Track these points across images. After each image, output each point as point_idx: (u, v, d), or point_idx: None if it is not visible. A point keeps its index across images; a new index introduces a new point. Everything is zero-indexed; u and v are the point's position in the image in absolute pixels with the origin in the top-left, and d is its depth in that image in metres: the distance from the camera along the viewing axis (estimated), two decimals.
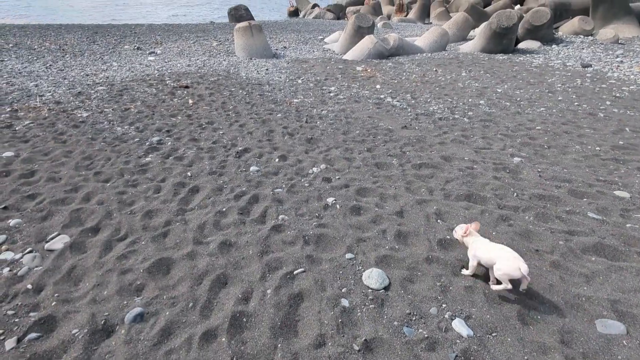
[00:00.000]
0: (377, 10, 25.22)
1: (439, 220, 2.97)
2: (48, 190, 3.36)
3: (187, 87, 7.12)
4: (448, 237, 2.74)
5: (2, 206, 3.08)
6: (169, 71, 8.94)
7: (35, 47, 11.43)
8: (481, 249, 2.23)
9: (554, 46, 11.85)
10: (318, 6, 28.77)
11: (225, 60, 10.49)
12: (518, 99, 6.55)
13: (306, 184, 3.56)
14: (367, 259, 2.52)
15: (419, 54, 11.66)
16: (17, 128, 4.64)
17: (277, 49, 12.45)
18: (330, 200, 3.25)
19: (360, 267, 2.45)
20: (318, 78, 8.19)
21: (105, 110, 5.53)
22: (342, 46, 12.17)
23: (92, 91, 6.73)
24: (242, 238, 2.75)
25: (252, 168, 3.89)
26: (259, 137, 4.78)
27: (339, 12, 26.35)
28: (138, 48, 11.74)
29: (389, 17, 24.57)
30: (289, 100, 6.44)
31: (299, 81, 7.89)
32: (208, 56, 11.14)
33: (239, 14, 17.28)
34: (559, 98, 6.57)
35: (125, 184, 3.53)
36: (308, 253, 2.58)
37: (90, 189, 3.40)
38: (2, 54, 10.43)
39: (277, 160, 4.13)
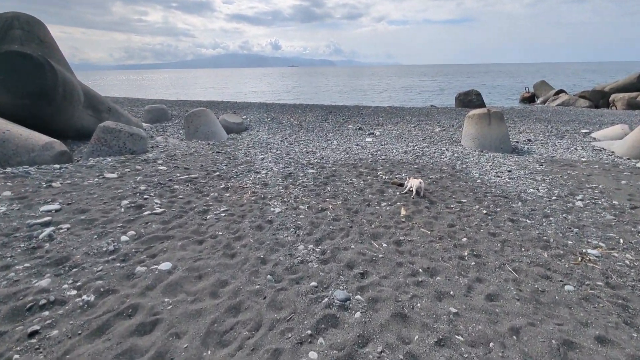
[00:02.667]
0: None
1: None
2: None
3: (400, 185, 5.41)
4: None
5: None
6: (383, 157, 7.69)
7: (283, 121, 13.13)
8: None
9: None
10: (565, 92, 23.52)
11: (448, 150, 8.48)
12: None
13: None
14: None
15: None
16: (207, 217, 3.92)
17: (517, 142, 9.48)
18: None
19: None
20: (613, 202, 4.75)
21: (300, 207, 4.36)
22: (633, 147, 7.89)
23: (301, 174, 6.03)
24: None
25: None
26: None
27: (598, 100, 20.38)
28: (360, 128, 11.53)
29: None
30: (579, 253, 3.45)
31: (577, 202, 4.74)
32: (428, 143, 9.49)
33: (469, 99, 15.42)
34: None
35: None
36: None
37: None
38: (261, 125, 12.32)
39: None
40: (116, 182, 4.91)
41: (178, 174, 5.55)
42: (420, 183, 4.92)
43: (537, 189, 5.35)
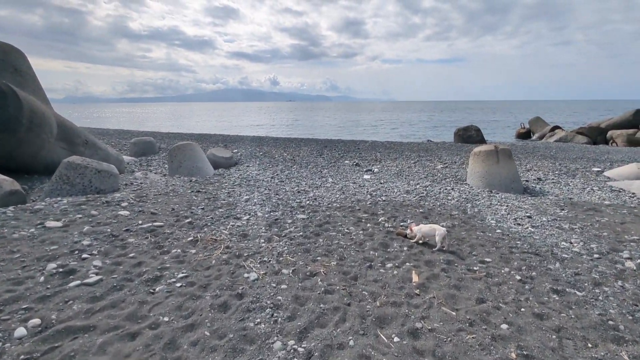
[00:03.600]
0: None
1: None
2: None
3: (406, 237, 4.47)
4: None
5: None
6: (383, 198, 6.79)
7: (276, 156, 12.35)
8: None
9: None
10: (560, 128, 23.35)
11: (454, 190, 7.63)
12: None
13: None
14: None
15: None
16: (156, 289, 2.91)
17: (527, 181, 8.69)
18: None
19: None
20: None
21: (283, 271, 3.37)
22: None
23: (290, 220, 5.07)
24: None
25: None
26: None
27: (595, 137, 20.09)
28: (357, 164, 10.75)
29: None
30: None
31: (627, 262, 3.79)
32: (431, 181, 8.66)
33: (468, 135, 14.89)
34: None
35: None
36: None
37: None
38: (252, 160, 11.51)
39: None
40: (56, 233, 3.91)
41: (140, 222, 4.57)
42: (445, 232, 4.01)
43: (571, 243, 4.42)
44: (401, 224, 5.07)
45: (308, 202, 6.35)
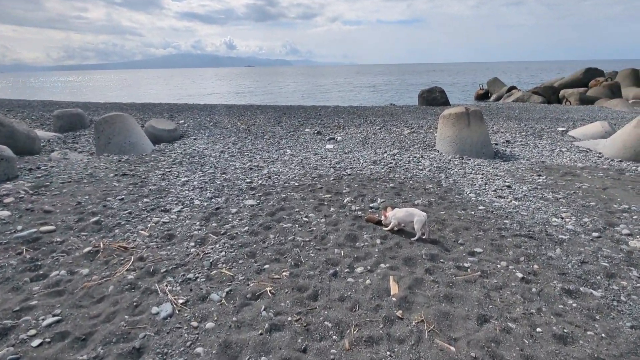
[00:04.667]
0: (614, 92, 18.00)
1: None
2: None
3: (379, 223, 3.61)
4: None
5: None
6: (348, 171, 5.87)
7: (229, 126, 10.90)
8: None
9: None
10: (516, 88, 23.50)
11: (424, 158, 6.89)
12: None
13: None
14: None
15: None
16: None
17: (496, 144, 8.16)
18: None
19: None
20: None
21: (213, 295, 2.35)
22: (624, 147, 6.81)
23: (234, 210, 4.00)
24: None
25: None
26: None
27: (550, 96, 20.35)
28: (318, 132, 9.67)
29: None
30: None
31: (631, 242, 3.21)
32: (399, 148, 7.86)
33: (433, 97, 14.17)
34: None
35: None
36: None
37: None
38: (200, 131, 10.01)
39: None
40: None
41: (20, 227, 3.27)
42: (424, 218, 3.16)
43: (562, 218, 3.80)
44: (370, 205, 4.19)
45: (261, 181, 5.27)
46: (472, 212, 3.97)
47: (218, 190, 4.78)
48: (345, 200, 4.37)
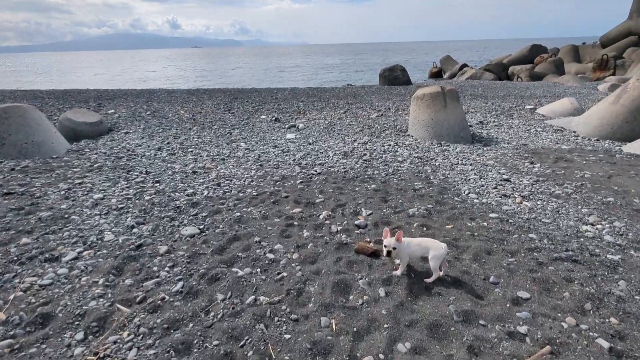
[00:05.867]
0: (559, 67, 18.50)
1: None
2: None
3: (375, 253, 2.54)
4: None
5: None
6: (317, 169, 4.71)
7: (170, 115, 9.09)
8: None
9: None
10: (467, 66, 23.56)
11: (400, 146, 5.94)
12: None
13: None
14: None
15: None
16: None
17: (470, 126, 7.45)
18: None
19: None
20: None
21: None
22: (600, 125, 6.40)
23: (162, 250, 2.68)
24: None
25: None
26: None
27: (500, 72, 20.53)
28: (276, 119, 8.31)
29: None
30: None
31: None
32: (369, 135, 6.84)
33: (394, 76, 13.27)
34: None
35: None
36: None
37: None
38: (133, 123, 8.15)
39: None
40: None
41: None
42: (445, 252, 2.13)
43: (592, 224, 3.02)
44: (356, 223, 3.09)
45: (207, 192, 3.93)
46: (485, 224, 3.04)
47: (145, 211, 3.38)
48: (321, 216, 3.23)
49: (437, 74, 24.45)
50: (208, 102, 10.96)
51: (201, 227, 3.05)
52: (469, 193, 3.84)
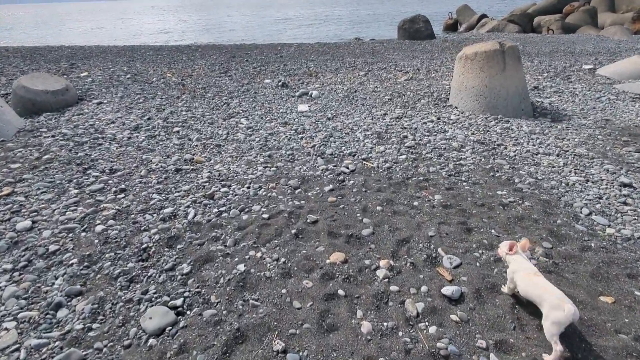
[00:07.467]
0: (593, 18, 16.00)
1: None
2: None
3: None
4: None
5: None
6: (349, 164, 3.29)
7: (154, 79, 7.35)
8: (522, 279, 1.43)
9: None
10: (486, 16, 20.76)
11: (450, 126, 4.42)
12: None
13: None
14: None
15: None
16: None
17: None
18: None
19: None
20: None
21: None
22: None
23: None
24: None
25: None
26: None
27: (526, 24, 17.97)
28: (283, 84, 6.61)
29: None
30: None
31: None
32: (402, 107, 5.26)
33: (416, 28, 11.11)
34: None
35: None
36: None
37: None
38: (109, 90, 6.47)
39: None
40: None
41: None
42: (573, 318, 1.06)
43: None
44: (443, 289, 1.74)
45: (192, 213, 2.53)
46: (628, 269, 1.68)
47: (86, 265, 2.00)
48: (378, 272, 1.87)
49: (452, 27, 21.66)
50: (200, 61, 9.09)
51: (178, 302, 1.70)
52: (591, 214, 2.45)
